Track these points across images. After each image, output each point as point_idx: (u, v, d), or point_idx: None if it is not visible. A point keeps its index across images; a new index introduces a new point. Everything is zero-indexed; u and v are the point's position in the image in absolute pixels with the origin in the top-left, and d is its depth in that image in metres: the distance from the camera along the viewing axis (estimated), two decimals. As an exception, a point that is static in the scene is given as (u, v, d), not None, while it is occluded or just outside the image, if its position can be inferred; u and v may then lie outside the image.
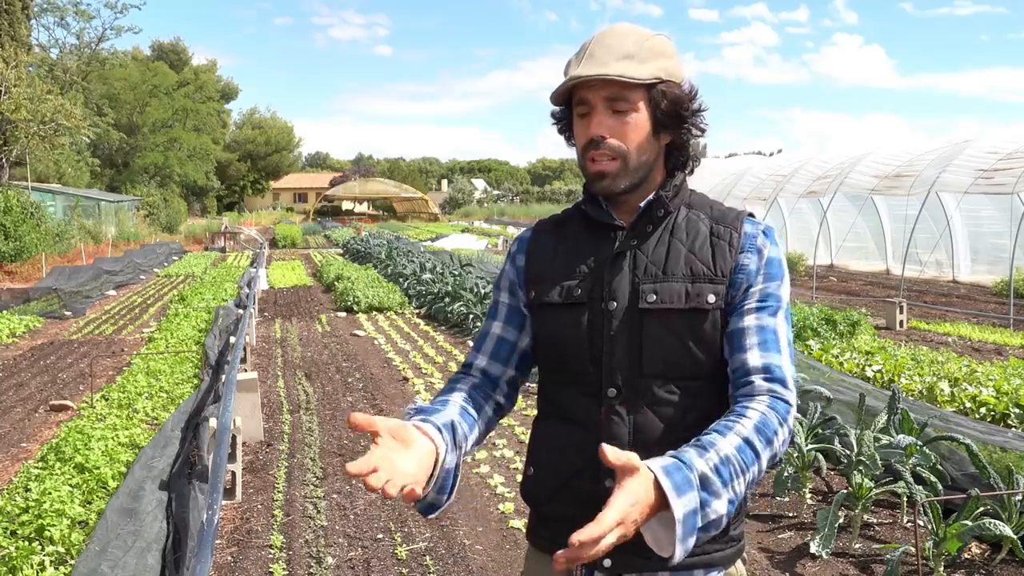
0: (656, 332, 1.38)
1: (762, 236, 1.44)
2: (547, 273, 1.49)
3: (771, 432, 1.27)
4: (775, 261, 1.43)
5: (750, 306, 1.39)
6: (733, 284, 1.40)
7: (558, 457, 1.45)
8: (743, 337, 1.37)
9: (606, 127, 1.39)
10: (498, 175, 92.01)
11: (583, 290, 1.44)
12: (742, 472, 1.21)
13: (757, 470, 1.25)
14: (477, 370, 1.55)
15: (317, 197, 61.33)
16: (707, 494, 1.15)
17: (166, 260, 23.22)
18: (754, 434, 1.25)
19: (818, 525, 3.85)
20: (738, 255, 1.41)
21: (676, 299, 1.38)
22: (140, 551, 3.34)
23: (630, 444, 1.37)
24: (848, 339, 8.90)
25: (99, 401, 6.43)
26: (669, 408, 1.38)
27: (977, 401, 6.01)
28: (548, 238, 1.55)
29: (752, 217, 1.48)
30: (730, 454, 1.21)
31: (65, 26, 42.95)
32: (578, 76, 1.38)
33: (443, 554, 3.91)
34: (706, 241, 1.43)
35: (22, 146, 24.68)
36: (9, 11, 28.05)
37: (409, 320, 11.87)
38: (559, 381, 1.48)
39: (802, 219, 19.29)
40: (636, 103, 1.39)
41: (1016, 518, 3.70)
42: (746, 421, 1.27)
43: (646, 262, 1.42)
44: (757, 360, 1.34)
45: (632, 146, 1.40)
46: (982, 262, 15.97)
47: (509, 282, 1.57)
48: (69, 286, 14.14)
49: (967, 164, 13.60)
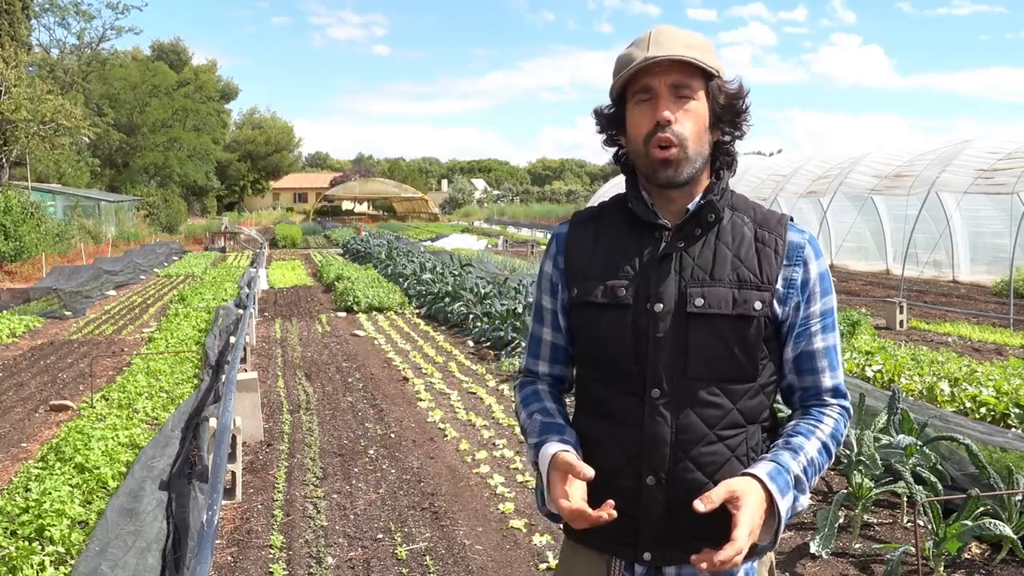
0: (702, 336, 1.41)
1: (808, 247, 1.48)
2: (588, 270, 1.50)
3: (840, 435, 1.48)
4: (825, 275, 1.50)
5: (815, 328, 1.48)
6: (783, 298, 1.45)
7: (598, 452, 1.47)
8: (814, 360, 1.49)
9: (673, 111, 1.40)
10: (498, 175, 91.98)
11: (628, 291, 1.45)
12: (819, 470, 1.44)
13: (825, 467, 1.47)
14: (546, 376, 1.63)
15: (317, 197, 61.32)
16: (798, 491, 1.38)
17: (166, 260, 23.21)
18: (830, 439, 1.46)
19: (818, 525, 3.85)
20: (784, 265, 1.45)
21: (724, 305, 1.41)
22: (140, 551, 3.33)
23: (672, 444, 1.42)
24: (848, 339, 8.90)
25: (99, 401, 6.43)
26: (711, 409, 1.42)
27: (977, 401, 6.01)
28: (586, 233, 1.55)
29: (793, 222, 1.51)
30: (814, 456, 1.43)
31: (66, 26, 42.90)
32: (653, 57, 1.38)
33: (443, 554, 3.91)
34: (751, 247, 1.45)
35: (22, 146, 24.68)
36: (9, 11, 28.04)
37: (409, 320, 11.87)
38: (600, 378, 1.50)
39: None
40: (698, 91, 1.41)
41: (1016, 518, 3.70)
42: (824, 427, 1.47)
43: (692, 265, 1.43)
44: (828, 382, 1.50)
45: (692, 135, 1.41)
46: (982, 262, 15.97)
47: (551, 284, 1.58)
48: (69, 286, 14.14)
49: (967, 164, 13.61)
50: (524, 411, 1.57)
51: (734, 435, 1.42)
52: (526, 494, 4.62)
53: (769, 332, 1.44)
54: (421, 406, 6.74)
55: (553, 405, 1.56)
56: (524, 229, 40.70)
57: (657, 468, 1.41)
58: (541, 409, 1.54)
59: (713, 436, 1.41)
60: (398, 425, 6.18)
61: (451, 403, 6.81)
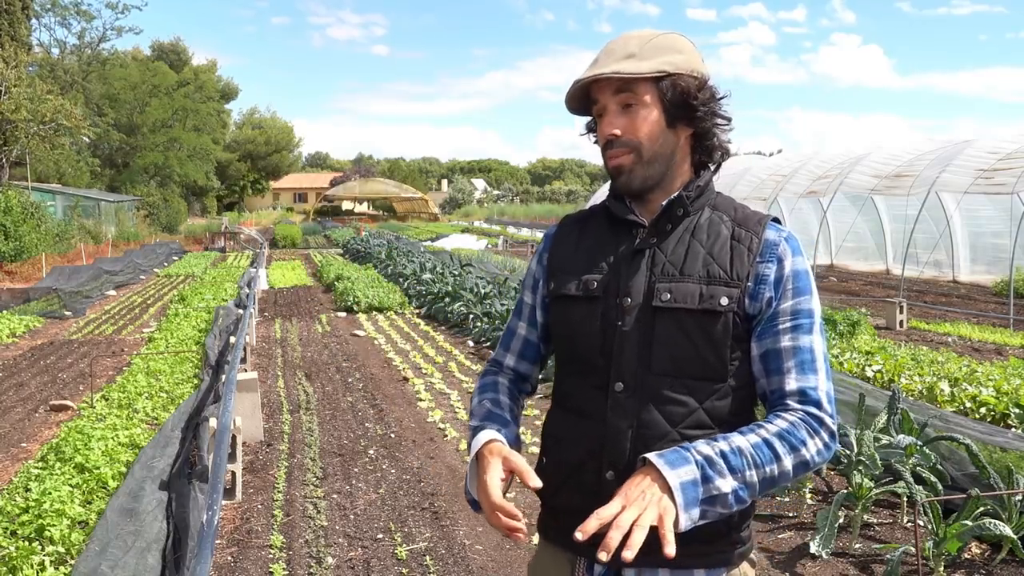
0: (667, 331, 1.40)
1: (784, 244, 1.43)
2: (568, 266, 1.53)
3: (797, 440, 1.33)
4: (802, 273, 1.42)
5: (784, 325, 1.40)
6: (753, 294, 1.41)
7: (565, 448, 1.48)
8: (780, 359, 1.40)
9: (617, 125, 1.43)
10: (498, 175, 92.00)
11: (600, 284, 1.46)
12: (755, 466, 1.30)
13: (777, 471, 1.32)
14: (508, 369, 1.64)
15: (317, 197, 61.32)
16: (710, 471, 1.26)
17: (166, 260, 23.21)
18: (776, 438, 1.33)
19: (818, 525, 3.85)
20: (757, 262, 1.41)
21: (690, 300, 1.40)
22: (140, 551, 3.33)
23: (632, 439, 1.40)
24: (848, 339, 8.90)
25: (99, 401, 6.43)
26: (675, 407, 1.40)
27: (977, 401, 6.01)
28: (572, 233, 1.59)
29: (776, 223, 1.47)
30: (743, 447, 1.31)
31: (66, 26, 42.93)
32: (579, 79, 1.44)
33: (443, 554, 3.90)
34: (726, 244, 1.43)
35: (22, 146, 24.69)
36: (9, 11, 28.03)
37: (409, 320, 11.87)
38: (572, 372, 1.51)
39: (802, 219, 19.28)
40: (643, 97, 1.42)
41: (1016, 518, 3.70)
42: (770, 427, 1.35)
43: (664, 261, 1.44)
44: (793, 384, 1.39)
45: (644, 138, 1.42)
46: (982, 262, 15.97)
47: (534, 280, 1.62)
48: (69, 286, 14.14)
49: (967, 164, 13.60)
50: (477, 396, 1.59)
51: (699, 435, 1.36)
52: (526, 494, 4.62)
53: (741, 331, 1.41)
54: (421, 406, 6.74)
55: (506, 400, 1.57)
56: (524, 229, 40.71)
57: (617, 463, 1.40)
58: (493, 399, 1.55)
59: (676, 435, 1.38)
60: (398, 425, 6.18)
61: (451, 403, 6.81)
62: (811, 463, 1.35)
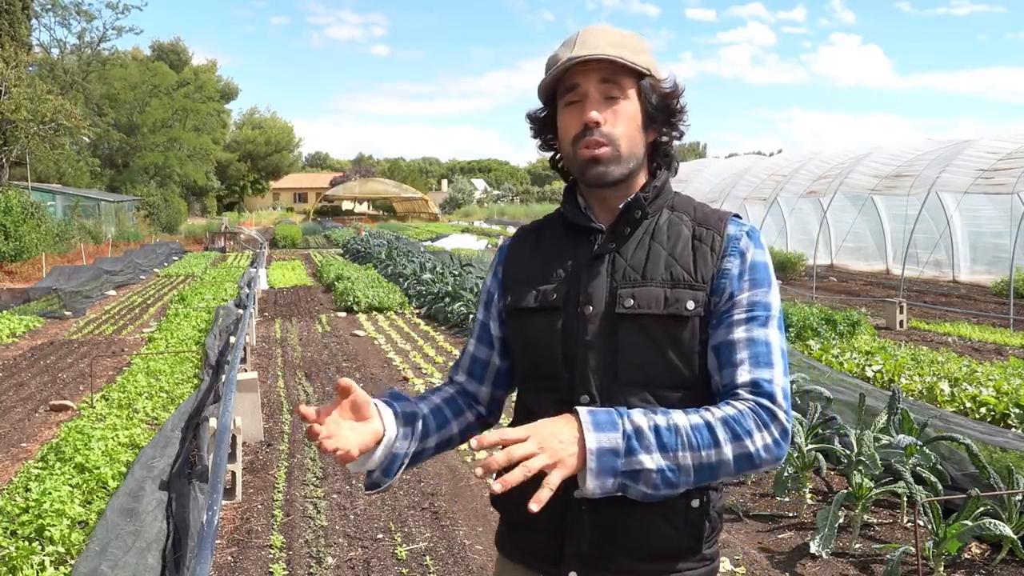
0: (633, 339, 1.33)
1: (746, 238, 1.37)
2: (524, 278, 1.46)
3: (742, 429, 1.23)
4: (761, 266, 1.36)
5: (739, 317, 1.33)
6: (716, 290, 1.35)
7: None
8: (732, 351, 1.31)
9: (601, 113, 1.35)
10: (498, 175, 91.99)
11: (559, 294, 1.40)
12: (690, 448, 1.21)
13: (715, 458, 1.22)
14: (457, 383, 1.57)
15: (317, 197, 61.32)
16: (636, 443, 1.18)
17: (166, 260, 23.22)
18: (719, 423, 1.23)
19: (818, 525, 3.85)
20: (720, 260, 1.35)
21: (654, 305, 1.33)
22: (140, 551, 3.33)
23: None
24: (848, 339, 8.90)
25: (99, 401, 6.43)
26: None
27: (977, 401, 6.01)
28: (527, 244, 1.52)
29: (738, 218, 1.42)
30: (681, 425, 1.22)
31: (66, 26, 42.88)
32: (576, 56, 1.34)
33: (443, 554, 3.91)
34: (687, 245, 1.38)
35: (22, 146, 24.70)
36: (9, 11, 28.05)
37: (409, 320, 11.87)
38: (533, 388, 1.45)
39: (802, 219, 19.29)
40: (627, 91, 1.37)
41: (1016, 518, 3.70)
42: (716, 411, 1.25)
43: (625, 266, 1.37)
44: (746, 376, 1.29)
45: (624, 135, 1.36)
46: (982, 262, 15.97)
47: (488, 295, 1.55)
48: (69, 286, 14.15)
49: (967, 164, 13.61)
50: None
51: None
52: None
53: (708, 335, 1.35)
54: (421, 406, 6.74)
55: (435, 398, 1.49)
56: (524, 229, 40.61)
57: None
58: (421, 395, 1.51)
59: None
60: (398, 425, 6.17)
61: (451, 403, 6.80)
62: (755, 457, 1.23)
